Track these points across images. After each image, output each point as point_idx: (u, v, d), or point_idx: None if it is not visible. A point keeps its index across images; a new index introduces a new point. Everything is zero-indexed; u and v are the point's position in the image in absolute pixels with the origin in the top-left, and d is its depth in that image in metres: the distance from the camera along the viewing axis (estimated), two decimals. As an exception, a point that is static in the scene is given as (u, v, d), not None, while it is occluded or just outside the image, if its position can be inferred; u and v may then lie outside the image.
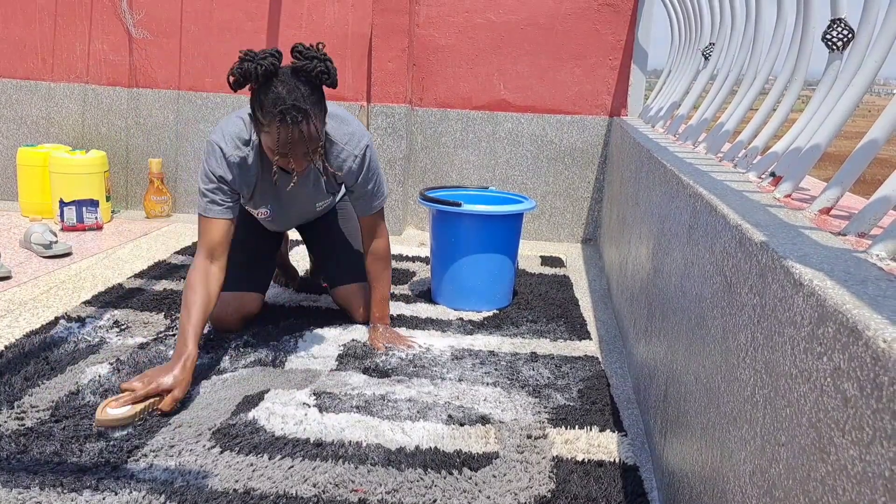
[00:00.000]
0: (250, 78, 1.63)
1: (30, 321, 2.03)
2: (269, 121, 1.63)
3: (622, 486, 1.36)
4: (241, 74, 1.62)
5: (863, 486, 0.58)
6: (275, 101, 1.62)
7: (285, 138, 1.64)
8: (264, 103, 1.63)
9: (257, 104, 1.65)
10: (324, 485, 1.31)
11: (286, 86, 1.63)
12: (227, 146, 1.79)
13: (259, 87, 1.65)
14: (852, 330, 0.62)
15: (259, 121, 1.66)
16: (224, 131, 1.81)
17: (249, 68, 1.61)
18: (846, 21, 1.40)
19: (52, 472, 1.30)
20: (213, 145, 1.80)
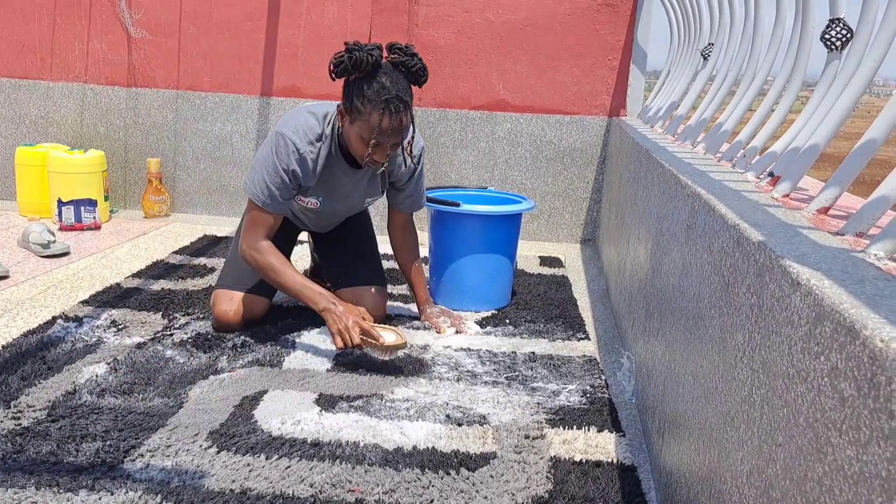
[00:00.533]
0: (359, 67, 1.72)
1: (27, 320, 2.03)
2: (371, 109, 1.73)
3: (620, 486, 1.36)
4: (352, 63, 1.71)
5: (860, 487, 0.58)
6: (379, 90, 1.72)
7: (386, 126, 1.75)
8: (366, 92, 1.73)
9: (358, 93, 1.74)
10: (321, 485, 1.31)
11: (389, 77, 1.74)
12: (300, 141, 1.83)
13: (362, 77, 1.74)
14: (849, 329, 0.62)
15: (357, 109, 1.75)
16: (296, 125, 1.84)
17: (361, 57, 1.70)
18: (845, 21, 1.40)
19: (49, 471, 1.30)
20: (286, 139, 1.82)
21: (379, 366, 1.86)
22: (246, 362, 1.84)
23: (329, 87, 3.38)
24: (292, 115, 1.90)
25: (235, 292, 2.04)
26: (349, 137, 1.83)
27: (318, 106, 1.96)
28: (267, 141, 1.88)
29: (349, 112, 1.78)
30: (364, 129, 1.77)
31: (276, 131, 1.85)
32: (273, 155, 1.83)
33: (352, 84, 1.76)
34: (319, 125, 1.88)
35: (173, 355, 1.84)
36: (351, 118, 1.78)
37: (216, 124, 3.46)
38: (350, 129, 1.80)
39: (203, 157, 3.51)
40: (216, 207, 3.56)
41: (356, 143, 1.81)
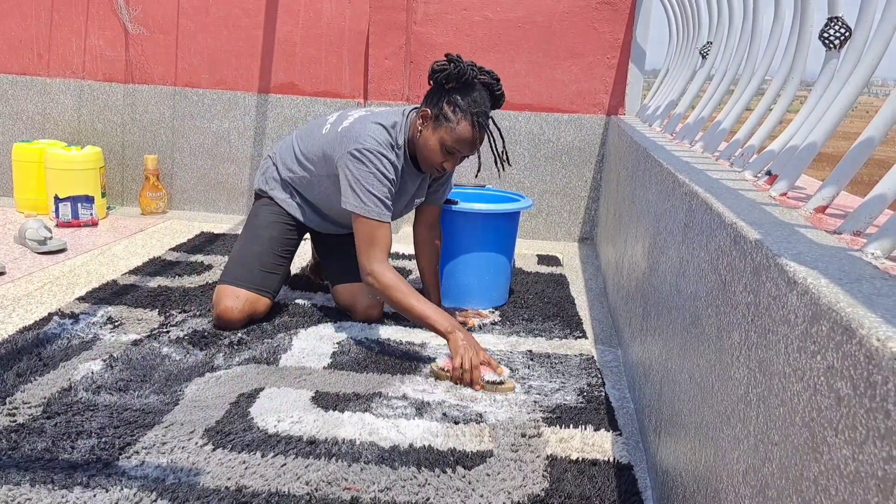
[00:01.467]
0: (459, 78, 1.83)
1: (23, 317, 2.02)
2: (461, 118, 1.84)
3: (616, 484, 1.36)
4: (456, 72, 1.82)
5: (856, 486, 0.58)
6: (471, 103, 1.84)
7: (469, 137, 1.86)
8: (459, 103, 1.84)
9: (451, 101, 1.84)
10: (316, 483, 1.31)
11: (480, 94, 1.86)
12: (386, 150, 1.88)
13: (458, 88, 1.84)
14: (846, 328, 0.62)
15: (447, 115, 1.85)
16: (377, 139, 1.87)
17: (463, 69, 1.82)
18: (843, 19, 1.39)
19: (43, 468, 1.30)
20: (377, 155, 1.86)
21: (376, 364, 1.85)
22: (242, 360, 1.83)
23: (327, 84, 3.38)
24: (362, 127, 1.90)
25: (241, 289, 2.04)
26: (427, 142, 1.90)
27: (376, 115, 1.96)
28: (348, 161, 1.87)
29: (435, 118, 1.87)
30: (448, 136, 1.86)
31: (355, 149, 1.86)
32: (372, 171, 1.85)
33: (445, 91, 1.85)
34: (391, 134, 1.91)
35: (169, 352, 1.84)
36: (436, 124, 1.87)
37: (214, 121, 3.46)
38: (431, 134, 1.88)
39: (200, 154, 3.50)
40: (213, 204, 3.55)
41: (434, 148, 1.89)
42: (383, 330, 2.10)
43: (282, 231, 2.14)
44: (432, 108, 1.87)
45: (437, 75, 1.84)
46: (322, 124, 2.08)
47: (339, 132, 1.96)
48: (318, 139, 2.04)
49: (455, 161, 1.92)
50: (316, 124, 2.12)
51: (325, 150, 2.00)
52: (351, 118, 1.99)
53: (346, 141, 1.90)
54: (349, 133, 1.91)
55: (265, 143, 3.45)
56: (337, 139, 1.95)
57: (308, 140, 2.09)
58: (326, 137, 2.01)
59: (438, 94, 1.86)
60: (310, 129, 2.13)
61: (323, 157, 2.01)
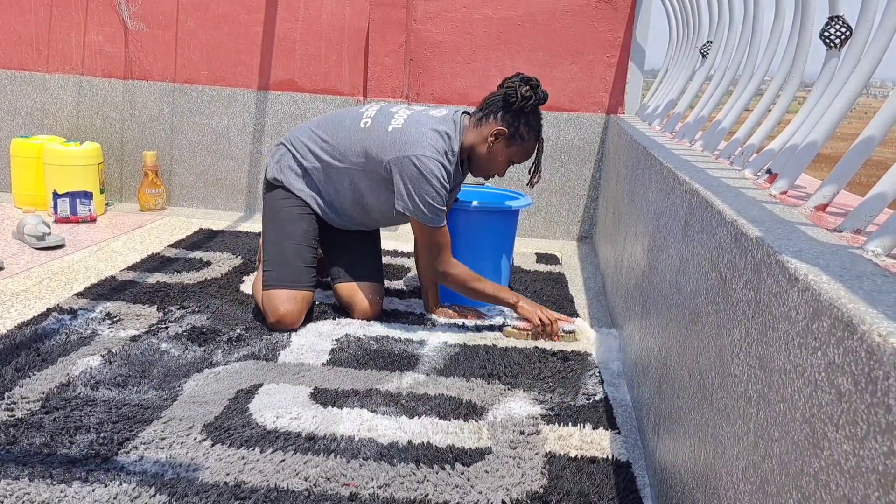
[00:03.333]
0: (539, 102, 1.99)
1: (22, 312, 2.02)
2: (531, 137, 2.03)
3: (615, 482, 1.36)
4: (539, 100, 1.98)
5: (856, 482, 0.58)
6: (538, 125, 2.04)
7: (531, 152, 2.06)
8: (532, 123, 2.01)
9: (526, 122, 2.00)
10: (315, 478, 1.31)
11: (540, 114, 2.05)
12: (446, 163, 1.97)
13: (531, 110, 2.00)
14: (847, 324, 0.62)
15: (522, 135, 2.01)
16: (435, 148, 1.95)
17: (542, 98, 1.99)
18: (844, 19, 1.40)
19: (42, 463, 1.29)
20: (438, 164, 1.94)
21: (374, 360, 1.85)
22: (241, 356, 1.83)
23: (326, 81, 3.38)
24: (419, 136, 1.95)
25: (294, 290, 2.03)
26: (496, 156, 2.03)
27: (428, 119, 2.01)
28: (408, 167, 1.92)
29: (510, 136, 2.00)
30: (518, 153, 2.04)
31: (415, 155, 1.92)
32: (429, 179, 1.92)
33: (521, 113, 1.99)
34: (446, 143, 1.98)
35: (168, 348, 1.84)
36: (510, 142, 2.01)
37: (213, 118, 3.45)
38: (503, 149, 2.03)
39: (199, 151, 3.50)
40: (212, 201, 3.55)
41: (502, 162, 2.05)
42: (382, 327, 2.10)
43: (310, 223, 2.13)
44: (508, 126, 1.99)
45: (523, 102, 1.96)
46: (356, 117, 2.07)
47: (388, 132, 1.98)
48: (355, 133, 2.03)
49: (505, 169, 2.10)
50: (345, 116, 2.10)
51: (367, 147, 2.00)
52: (400, 118, 2.01)
53: (401, 145, 1.94)
54: (405, 137, 1.95)
55: (264, 139, 3.44)
56: (388, 140, 1.96)
57: (337, 131, 2.07)
58: (370, 134, 2.00)
59: (516, 115, 1.99)
60: (337, 119, 2.11)
61: (364, 154, 2.01)
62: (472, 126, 2.03)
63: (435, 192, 1.93)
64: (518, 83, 1.97)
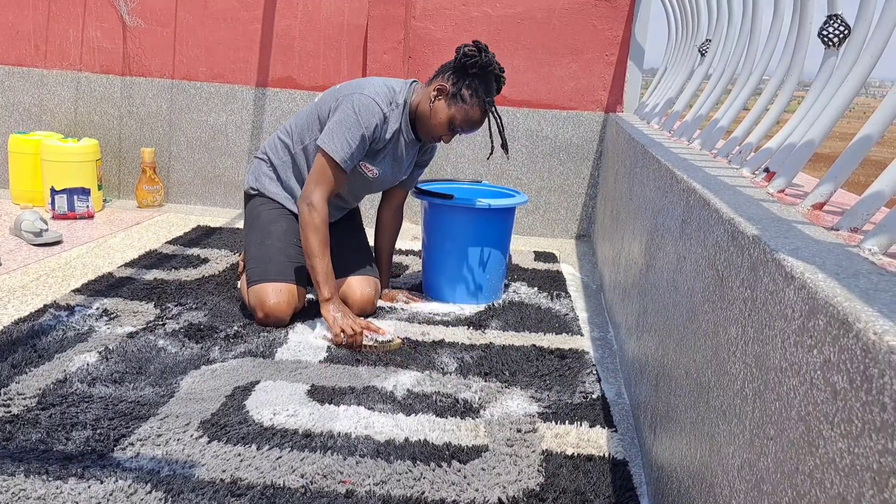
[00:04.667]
0: (486, 67, 1.95)
1: (18, 308, 2.02)
2: (475, 102, 1.97)
3: (611, 480, 1.36)
4: (483, 62, 1.93)
5: (851, 480, 0.58)
6: (487, 91, 1.98)
7: (476, 120, 2.00)
8: (478, 88, 1.96)
9: (471, 84, 1.96)
10: (312, 476, 1.30)
11: (492, 86, 1.99)
12: (382, 102, 1.97)
13: (479, 74, 1.95)
14: (843, 322, 0.62)
15: (463, 97, 1.96)
16: (375, 90, 1.97)
17: (489, 60, 1.95)
18: (842, 17, 1.39)
19: (38, 459, 1.29)
20: (369, 99, 1.95)
21: (372, 358, 1.85)
22: (238, 353, 1.83)
23: (325, 78, 3.37)
24: (366, 83, 2.00)
25: (279, 283, 2.02)
26: (437, 114, 1.99)
27: (383, 78, 2.06)
28: (344, 104, 1.96)
29: (452, 95, 1.97)
30: (458, 115, 1.99)
31: (354, 93, 1.96)
32: (356, 114, 1.93)
33: (467, 74, 1.95)
34: (390, 94, 2.00)
35: (165, 345, 1.84)
36: (451, 100, 1.98)
37: (211, 114, 3.45)
38: (443, 108, 1.98)
39: (198, 148, 3.49)
40: (210, 198, 3.54)
41: (442, 122, 2.00)
42: (378, 324, 2.10)
43: (290, 222, 2.14)
44: (451, 85, 1.97)
45: (465, 59, 1.94)
46: (310, 103, 2.16)
47: (336, 89, 2.05)
48: (308, 108, 2.13)
49: (451, 137, 2.05)
50: (300, 111, 2.19)
51: (319, 111, 2.06)
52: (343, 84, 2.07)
53: (345, 90, 2.00)
54: (349, 85, 2.02)
55: (262, 137, 3.44)
56: (333, 94, 2.03)
57: (294, 121, 2.16)
58: (317, 104, 2.09)
59: (459, 75, 1.96)
60: (294, 117, 2.20)
61: (318, 120, 2.06)
62: (422, 87, 2.06)
63: (355, 127, 1.93)
64: (469, 45, 1.96)
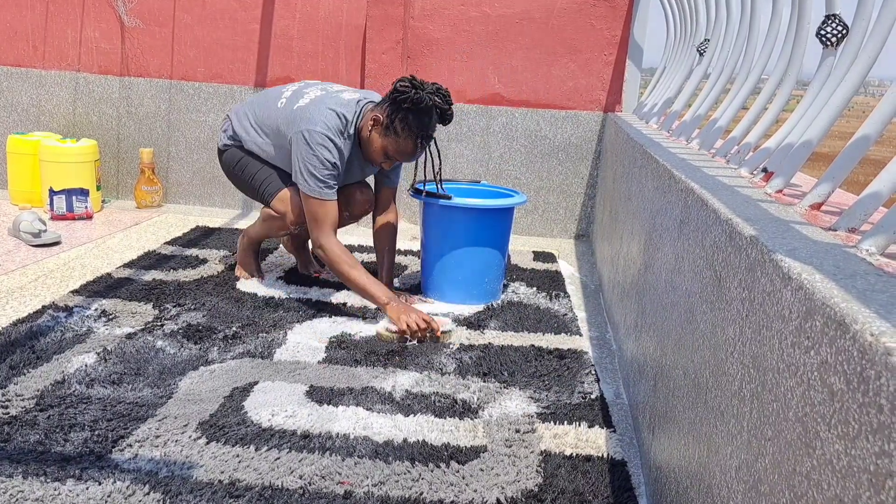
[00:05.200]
0: (418, 104, 1.98)
1: (17, 309, 2.01)
2: (407, 137, 2.02)
3: (610, 480, 1.36)
4: (416, 99, 1.97)
5: (847, 481, 0.58)
6: (421, 126, 2.01)
7: (409, 153, 2.07)
8: (411, 123, 2.00)
9: (403, 119, 2.00)
10: (310, 476, 1.30)
11: (430, 118, 2.03)
12: (336, 139, 2.05)
13: (412, 109, 1.99)
14: (840, 323, 0.62)
15: (396, 130, 2.02)
16: (328, 125, 2.04)
17: (422, 97, 1.97)
18: (840, 17, 1.39)
19: (36, 461, 1.29)
20: (325, 138, 2.03)
21: (370, 359, 1.85)
22: (237, 353, 1.83)
23: (323, 78, 3.36)
24: (316, 111, 2.06)
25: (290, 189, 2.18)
26: (373, 143, 2.08)
27: (332, 99, 2.10)
28: (298, 141, 2.04)
29: (385, 127, 2.04)
30: (391, 147, 2.06)
31: (306, 129, 2.03)
32: (316, 152, 2.03)
33: (401, 108, 2.00)
34: (342, 124, 2.07)
35: (163, 346, 1.83)
36: (385, 132, 2.04)
37: (210, 115, 3.44)
38: (378, 138, 2.06)
39: (196, 148, 3.49)
40: (209, 198, 3.54)
41: (378, 151, 2.08)
42: (377, 326, 2.10)
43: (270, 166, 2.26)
44: (385, 117, 2.03)
45: (396, 94, 1.99)
46: (277, 97, 2.20)
47: (294, 111, 2.10)
48: (273, 112, 2.17)
49: (392, 164, 2.14)
50: (272, 95, 2.23)
51: (279, 125, 2.14)
52: (307, 97, 2.12)
53: (299, 121, 2.06)
54: (303, 114, 2.07)
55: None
56: (291, 117, 2.09)
57: (264, 110, 2.21)
58: (282, 113, 2.14)
59: (394, 108, 2.01)
60: (266, 98, 2.24)
61: (277, 131, 2.15)
62: (370, 111, 2.11)
63: (321, 165, 2.03)
64: (405, 80, 2.01)
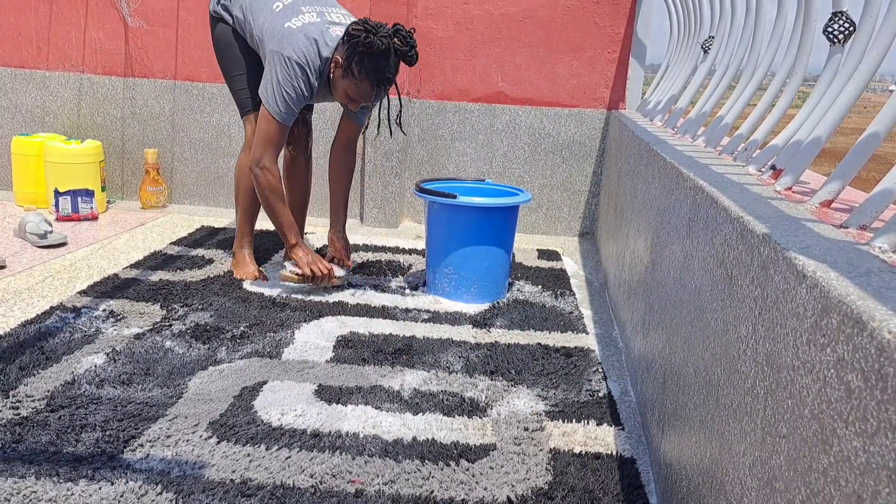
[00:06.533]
0: (370, 48, 1.98)
1: (25, 311, 2.02)
2: (364, 78, 2.03)
3: (619, 478, 1.37)
4: (365, 43, 1.97)
5: (866, 478, 0.58)
6: (376, 68, 2.02)
7: (367, 95, 2.08)
8: (366, 65, 2.01)
9: (359, 61, 2.01)
10: (321, 475, 1.31)
11: (387, 60, 2.02)
12: (311, 74, 2.09)
13: (366, 51, 1.99)
14: (857, 321, 0.62)
15: (353, 72, 2.03)
16: (305, 54, 2.07)
17: (373, 41, 1.97)
18: (847, 14, 1.39)
19: (48, 461, 1.30)
20: (302, 70, 2.07)
21: (377, 357, 1.86)
22: (245, 353, 1.84)
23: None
24: (292, 37, 2.07)
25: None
26: (335, 84, 2.12)
27: (320, 31, 2.10)
28: (276, 62, 2.07)
29: (345, 69, 2.05)
30: (350, 89, 2.08)
31: (288, 57, 2.05)
32: (289, 78, 2.07)
33: (357, 51, 2.01)
34: (321, 62, 2.10)
35: (172, 346, 1.84)
36: (344, 73, 2.06)
37: (214, 115, 3.45)
38: (339, 80, 2.09)
39: (201, 148, 3.49)
40: (214, 199, 3.54)
41: (340, 92, 2.12)
42: (385, 324, 2.10)
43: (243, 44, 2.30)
44: (343, 59, 2.05)
45: (349, 38, 2.01)
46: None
47: (283, 29, 2.10)
48: (266, 13, 2.17)
49: (357, 105, 2.15)
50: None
51: (264, 31, 2.14)
52: (301, 19, 2.12)
53: (284, 42, 2.08)
54: (290, 37, 2.08)
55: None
56: (279, 33, 2.10)
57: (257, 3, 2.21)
58: (273, 21, 2.13)
59: (350, 52, 2.02)
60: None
61: (261, 33, 2.16)
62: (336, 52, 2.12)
63: (292, 90, 2.08)
64: (359, 22, 2.02)
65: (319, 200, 3.13)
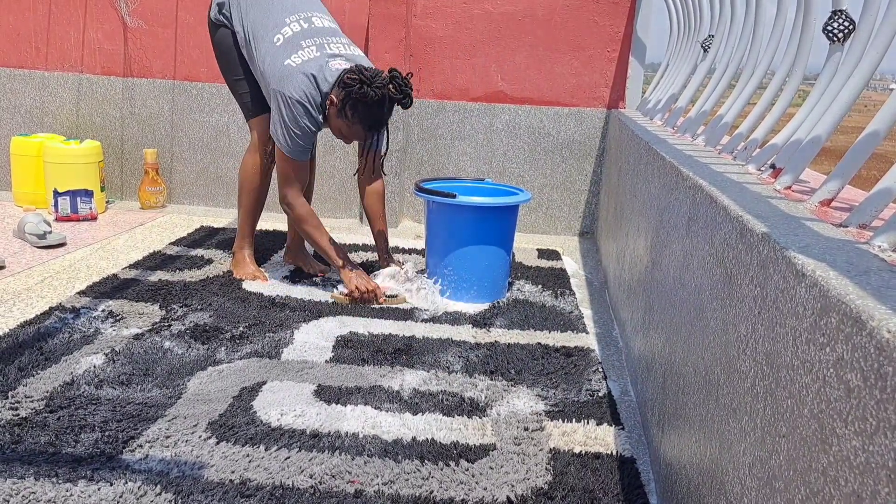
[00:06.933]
0: (364, 98, 2.03)
1: (24, 311, 2.02)
2: (357, 122, 2.09)
3: (619, 477, 1.36)
4: (359, 94, 2.02)
5: (865, 477, 0.58)
6: (369, 114, 2.07)
7: (359, 136, 2.18)
8: (360, 110, 2.06)
9: (353, 105, 2.05)
10: (320, 476, 1.31)
11: (382, 108, 2.08)
12: (313, 111, 2.13)
13: (359, 98, 2.03)
14: (856, 320, 0.62)
15: (346, 114, 2.08)
16: (306, 92, 2.10)
17: (367, 92, 2.02)
18: (847, 13, 1.39)
19: (47, 462, 1.30)
20: (300, 105, 2.10)
21: (377, 357, 1.85)
22: (244, 353, 1.83)
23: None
24: (292, 77, 2.09)
25: None
26: (330, 121, 2.16)
27: (320, 68, 2.11)
28: (280, 102, 2.10)
29: (339, 110, 2.10)
30: (344, 129, 2.15)
31: (288, 96, 2.08)
32: (296, 117, 2.11)
33: (350, 97, 2.04)
34: (321, 97, 2.13)
35: (171, 346, 1.84)
36: (338, 113, 2.11)
37: (213, 115, 3.45)
38: (334, 117, 2.14)
39: (200, 148, 3.49)
40: (213, 199, 3.54)
41: (334, 129, 2.18)
42: (385, 324, 2.10)
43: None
44: (339, 100, 2.08)
45: (345, 87, 2.04)
46: (276, 26, 2.19)
47: (283, 66, 2.12)
48: (267, 46, 2.18)
49: (350, 141, 2.24)
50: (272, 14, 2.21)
51: (265, 67, 2.17)
52: (301, 55, 2.13)
53: (283, 79, 2.11)
54: (289, 75, 2.10)
55: (265, 136, 3.44)
56: (277, 72, 2.12)
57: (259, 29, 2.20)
58: (273, 58, 2.15)
59: (346, 96, 2.06)
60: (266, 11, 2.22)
61: (262, 69, 2.18)
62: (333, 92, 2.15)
63: (300, 130, 2.12)
64: (354, 71, 2.04)
65: (328, 200, 3.13)
